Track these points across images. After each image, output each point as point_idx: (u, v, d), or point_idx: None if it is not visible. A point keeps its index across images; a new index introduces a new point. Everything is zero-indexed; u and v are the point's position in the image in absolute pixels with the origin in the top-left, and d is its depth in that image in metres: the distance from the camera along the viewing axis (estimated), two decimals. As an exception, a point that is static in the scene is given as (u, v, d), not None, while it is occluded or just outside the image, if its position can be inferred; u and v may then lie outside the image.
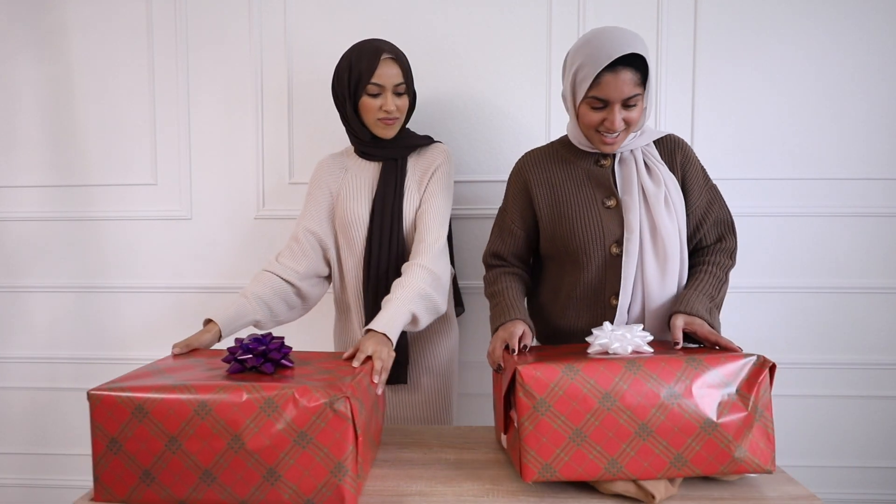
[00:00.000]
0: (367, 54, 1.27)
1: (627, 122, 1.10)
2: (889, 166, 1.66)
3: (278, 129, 1.74)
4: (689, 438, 0.86)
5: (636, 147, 1.17)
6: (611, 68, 1.04)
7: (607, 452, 0.87)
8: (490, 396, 1.79)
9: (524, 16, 1.67)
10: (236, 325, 1.18)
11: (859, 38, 1.63)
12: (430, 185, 1.33)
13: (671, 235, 1.12)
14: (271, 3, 1.71)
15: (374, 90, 1.27)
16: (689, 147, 1.21)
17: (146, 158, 1.77)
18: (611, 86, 1.05)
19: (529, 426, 0.87)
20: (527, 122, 1.70)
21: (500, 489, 0.92)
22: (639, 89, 1.07)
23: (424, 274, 1.20)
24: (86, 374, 1.84)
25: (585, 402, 0.87)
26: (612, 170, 1.18)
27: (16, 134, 1.79)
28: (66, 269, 1.82)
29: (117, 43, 1.75)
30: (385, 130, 1.31)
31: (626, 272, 1.13)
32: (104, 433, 0.85)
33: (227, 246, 1.78)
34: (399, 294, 1.15)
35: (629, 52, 1.03)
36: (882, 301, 1.69)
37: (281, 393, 0.83)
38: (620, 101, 1.07)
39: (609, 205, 1.16)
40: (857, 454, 1.74)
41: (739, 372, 0.89)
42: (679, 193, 1.16)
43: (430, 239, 1.27)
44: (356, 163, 1.39)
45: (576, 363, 0.89)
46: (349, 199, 1.34)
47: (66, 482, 1.89)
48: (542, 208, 1.21)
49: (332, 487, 0.83)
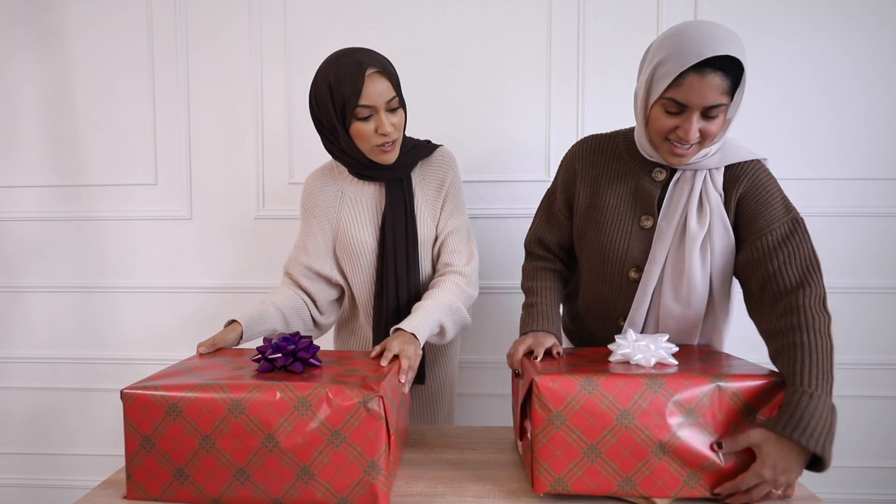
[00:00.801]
0: (349, 73, 1.08)
1: (704, 134, 0.95)
2: (889, 166, 1.66)
3: (278, 129, 1.74)
4: (707, 462, 0.84)
5: (703, 168, 1.02)
6: (698, 68, 0.89)
7: (622, 470, 0.84)
8: (490, 397, 1.79)
9: (524, 16, 1.67)
10: (258, 329, 1.17)
11: (859, 38, 1.63)
12: (446, 204, 1.24)
13: (697, 282, 1.02)
14: (271, 3, 1.71)
15: (364, 113, 1.10)
16: (761, 174, 1.01)
17: (146, 158, 1.77)
18: (694, 88, 0.90)
19: (543, 439, 0.85)
20: (527, 122, 1.70)
21: (502, 490, 0.92)
22: (724, 98, 0.91)
23: (458, 291, 1.18)
24: (86, 374, 1.84)
25: (603, 418, 0.84)
26: (664, 187, 1.06)
27: (16, 134, 1.79)
28: (66, 269, 1.82)
29: (117, 43, 1.75)
30: (386, 156, 1.16)
31: (639, 304, 1.07)
32: (137, 431, 0.86)
33: (227, 246, 1.78)
34: (431, 302, 1.13)
35: (723, 53, 0.88)
36: (882, 301, 1.69)
37: (314, 392, 0.84)
38: (701, 109, 0.92)
39: (644, 225, 1.07)
40: (857, 454, 1.74)
41: (764, 396, 0.85)
42: (727, 233, 1.02)
43: (461, 262, 1.22)
44: (352, 184, 1.24)
45: (595, 377, 0.85)
46: (352, 228, 1.23)
47: (66, 482, 1.89)
48: (580, 205, 1.14)
49: (365, 486, 0.83)
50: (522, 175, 1.71)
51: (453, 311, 1.16)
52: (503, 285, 1.73)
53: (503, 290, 1.74)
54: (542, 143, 1.70)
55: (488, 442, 1.13)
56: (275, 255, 1.77)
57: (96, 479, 1.87)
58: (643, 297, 1.06)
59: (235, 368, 0.95)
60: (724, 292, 1.06)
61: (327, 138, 1.18)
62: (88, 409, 1.86)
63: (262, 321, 1.17)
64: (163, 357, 1.82)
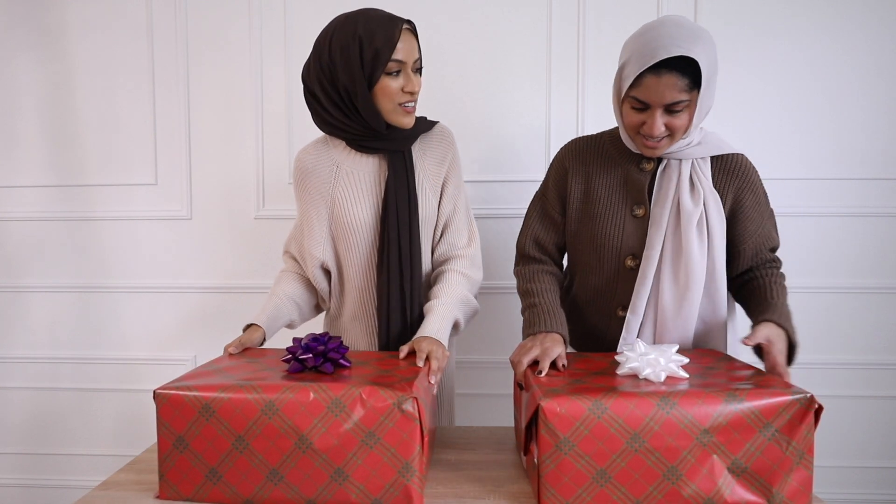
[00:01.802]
0: (383, 25, 1.05)
1: (671, 128, 1.00)
2: (889, 166, 1.66)
3: (278, 129, 1.74)
4: (720, 481, 0.81)
5: (687, 158, 1.07)
6: (654, 70, 0.95)
7: (632, 495, 0.82)
8: (490, 397, 1.79)
9: (524, 16, 1.67)
10: (276, 326, 1.17)
11: (859, 38, 1.63)
12: (448, 181, 1.20)
13: (697, 263, 1.04)
14: (271, 3, 1.71)
15: (394, 67, 1.06)
16: (751, 172, 1.09)
17: (146, 158, 1.77)
18: (651, 88, 0.96)
19: (551, 465, 0.82)
20: (527, 121, 1.70)
21: (501, 491, 0.92)
22: (684, 95, 0.96)
23: (464, 280, 1.17)
24: (86, 374, 1.84)
25: (612, 443, 0.81)
26: (653, 176, 1.10)
27: (16, 134, 1.79)
28: (66, 269, 1.82)
29: (117, 43, 1.75)
30: (407, 118, 1.12)
31: (640, 290, 1.07)
32: (171, 431, 0.86)
33: (227, 246, 1.78)
34: (443, 301, 1.13)
35: (676, 54, 0.93)
36: (882, 301, 1.69)
37: (348, 393, 0.84)
38: (662, 106, 0.98)
39: (637, 213, 1.10)
40: (857, 454, 1.74)
41: (782, 412, 0.82)
42: (721, 218, 1.06)
43: (462, 243, 1.21)
44: (349, 157, 1.17)
45: (604, 399, 0.82)
46: (349, 204, 1.17)
47: (66, 482, 1.89)
48: (573, 202, 1.16)
49: (399, 487, 0.83)
50: (522, 175, 1.71)
51: (464, 304, 1.16)
52: (503, 285, 1.73)
53: (503, 290, 1.74)
54: (543, 143, 1.70)
55: (488, 442, 1.12)
56: (275, 255, 1.77)
57: (96, 479, 1.87)
58: (643, 282, 1.07)
59: (265, 369, 0.95)
60: (723, 273, 1.08)
61: (330, 108, 1.11)
62: (88, 409, 1.86)
63: (278, 316, 1.18)
64: (163, 357, 1.82)
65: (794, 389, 0.84)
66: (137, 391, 1.84)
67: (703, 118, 1.02)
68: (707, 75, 0.96)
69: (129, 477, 0.96)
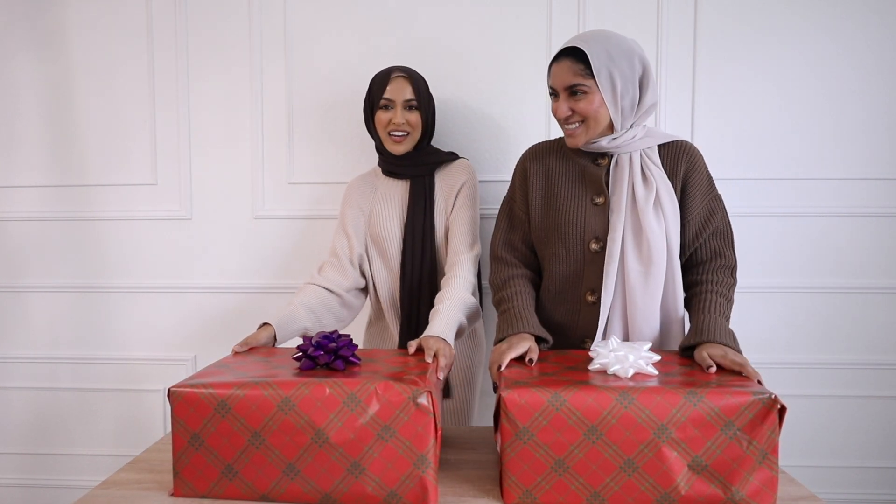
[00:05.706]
0: (382, 74, 1.41)
1: (578, 112, 1.13)
2: (889, 166, 1.66)
3: (278, 129, 1.74)
4: (678, 477, 0.83)
5: (635, 150, 1.17)
6: (556, 59, 1.14)
7: (590, 485, 0.85)
8: (490, 397, 1.79)
9: (524, 16, 1.67)
10: (289, 330, 1.23)
11: (859, 39, 1.63)
12: (457, 200, 1.42)
13: (657, 238, 1.12)
14: (271, 3, 1.71)
15: (384, 103, 1.38)
16: (697, 154, 1.19)
17: (146, 158, 1.77)
18: (555, 74, 1.14)
19: (512, 453, 0.86)
20: (527, 121, 1.70)
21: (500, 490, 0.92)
22: (580, 79, 1.10)
23: (464, 283, 1.30)
24: (86, 374, 1.84)
25: (570, 434, 0.84)
26: (608, 170, 1.19)
27: (16, 134, 1.79)
28: (66, 269, 1.82)
29: (117, 43, 1.75)
30: (395, 146, 1.39)
31: (608, 269, 1.13)
32: (186, 429, 0.87)
33: (227, 246, 1.78)
34: (446, 304, 1.23)
35: (569, 45, 1.12)
36: (882, 301, 1.69)
37: (363, 388, 0.86)
38: (563, 88, 1.13)
39: (597, 202, 1.17)
40: (857, 454, 1.74)
41: (744, 411, 0.83)
42: (672, 200, 1.15)
43: (463, 249, 1.37)
44: (384, 182, 1.48)
45: (563, 392, 0.85)
46: (381, 217, 1.44)
47: (66, 482, 1.89)
48: (534, 198, 1.23)
49: (415, 479, 0.85)
50: (522, 175, 1.71)
51: (466, 306, 1.26)
52: (503, 285, 1.73)
53: (503, 290, 1.74)
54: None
55: (488, 442, 1.13)
56: (275, 255, 1.77)
57: (96, 479, 1.87)
58: (611, 261, 1.13)
59: (276, 366, 0.97)
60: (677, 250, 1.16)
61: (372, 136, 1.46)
62: (88, 409, 1.86)
63: (292, 321, 1.24)
64: (163, 357, 1.82)
65: (757, 389, 0.85)
66: (137, 391, 1.84)
67: (640, 113, 1.15)
68: (598, 65, 1.09)
69: (129, 476, 0.96)
